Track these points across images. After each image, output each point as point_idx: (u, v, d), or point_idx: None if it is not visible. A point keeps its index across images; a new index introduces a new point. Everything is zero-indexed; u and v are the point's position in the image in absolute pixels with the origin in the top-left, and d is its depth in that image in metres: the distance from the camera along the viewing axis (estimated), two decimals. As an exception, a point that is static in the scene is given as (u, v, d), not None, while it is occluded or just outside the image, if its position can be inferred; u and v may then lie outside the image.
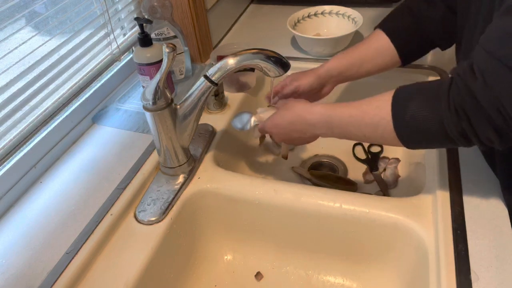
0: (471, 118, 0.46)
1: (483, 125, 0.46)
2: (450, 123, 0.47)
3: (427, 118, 0.49)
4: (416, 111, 0.50)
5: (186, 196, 0.68)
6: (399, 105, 0.52)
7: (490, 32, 0.45)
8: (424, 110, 0.49)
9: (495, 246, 0.54)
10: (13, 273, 0.56)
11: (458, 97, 0.46)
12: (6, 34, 0.65)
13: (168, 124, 0.63)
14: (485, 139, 0.47)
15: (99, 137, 0.81)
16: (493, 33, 0.44)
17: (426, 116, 0.49)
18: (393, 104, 0.53)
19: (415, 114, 0.50)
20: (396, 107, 0.52)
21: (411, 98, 0.51)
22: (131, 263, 0.57)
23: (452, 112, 0.47)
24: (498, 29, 0.44)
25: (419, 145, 0.55)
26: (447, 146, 0.53)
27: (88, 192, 0.68)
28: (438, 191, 0.62)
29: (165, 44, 0.58)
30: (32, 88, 0.71)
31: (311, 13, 1.06)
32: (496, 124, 0.45)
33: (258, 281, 0.71)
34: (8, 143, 0.68)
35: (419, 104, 0.50)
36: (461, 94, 0.46)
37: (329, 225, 0.65)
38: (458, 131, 0.47)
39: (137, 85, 0.93)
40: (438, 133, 0.49)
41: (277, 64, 0.62)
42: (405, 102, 0.52)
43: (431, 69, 0.90)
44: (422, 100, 0.50)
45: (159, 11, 0.85)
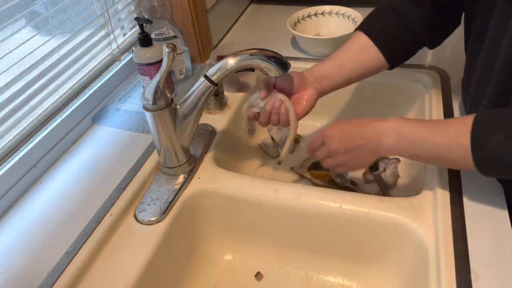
0: None
1: None
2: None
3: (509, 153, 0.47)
4: (500, 143, 0.47)
5: (186, 196, 0.68)
6: (481, 134, 0.49)
7: None
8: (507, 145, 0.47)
9: (495, 246, 0.54)
10: (13, 273, 0.56)
11: None
12: (6, 34, 0.65)
13: (168, 124, 0.63)
14: None
15: (99, 137, 0.81)
16: None
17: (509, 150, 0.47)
18: (473, 131, 0.49)
19: (499, 147, 0.48)
20: (477, 135, 0.49)
21: (495, 129, 0.48)
22: (131, 263, 0.57)
23: None
24: None
25: (495, 175, 0.53)
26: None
27: (88, 192, 0.68)
28: (438, 191, 0.62)
29: (165, 44, 0.58)
30: (32, 88, 0.71)
31: (311, 13, 1.06)
32: None
33: (258, 281, 0.71)
34: (8, 143, 0.68)
35: (503, 134, 0.47)
36: None
37: (329, 225, 0.65)
38: None
39: (137, 85, 0.93)
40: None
41: (277, 64, 0.62)
42: (488, 131, 0.49)
43: (431, 69, 0.90)
44: (505, 134, 0.47)
45: (159, 11, 0.85)
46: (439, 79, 0.87)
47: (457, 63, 0.79)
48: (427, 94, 0.86)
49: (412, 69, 0.91)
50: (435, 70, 0.89)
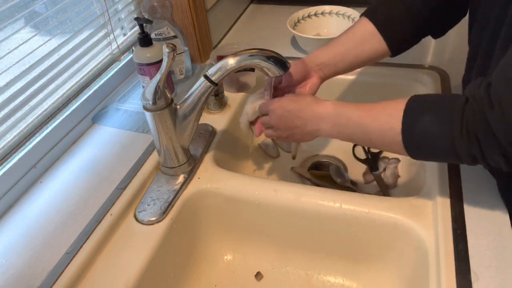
0: (482, 144, 0.45)
1: (493, 152, 0.45)
2: (460, 144, 0.47)
3: (437, 136, 0.49)
4: (427, 126, 0.49)
5: (186, 196, 0.68)
6: (411, 117, 0.51)
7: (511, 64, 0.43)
8: (436, 127, 0.49)
9: (495, 246, 0.54)
10: (13, 273, 0.56)
11: (471, 121, 0.46)
12: (6, 34, 0.65)
13: (168, 124, 0.63)
14: (493, 163, 0.47)
15: (99, 137, 0.81)
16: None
17: (437, 133, 0.49)
18: (404, 115, 0.51)
19: (426, 129, 0.49)
20: (407, 118, 0.51)
21: (424, 112, 0.50)
22: (131, 263, 0.57)
23: (463, 135, 0.46)
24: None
25: (425, 159, 0.54)
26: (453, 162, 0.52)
27: (88, 192, 0.68)
28: (438, 191, 0.62)
29: (165, 44, 0.58)
30: (32, 88, 0.71)
31: (311, 13, 1.06)
32: (506, 151, 0.44)
33: (258, 281, 0.71)
34: (8, 143, 0.68)
35: (431, 121, 0.49)
36: (475, 119, 0.45)
37: (329, 225, 0.65)
38: (467, 153, 0.47)
39: (137, 85, 0.93)
40: (447, 151, 0.49)
41: (277, 64, 0.62)
42: (418, 114, 0.50)
43: (431, 69, 0.90)
44: (435, 116, 0.49)
45: (159, 11, 0.85)
46: (439, 79, 0.87)
47: (457, 63, 0.79)
48: (427, 94, 0.86)
49: (412, 69, 0.91)
50: (435, 70, 0.89)
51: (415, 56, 0.74)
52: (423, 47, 0.96)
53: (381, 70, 0.92)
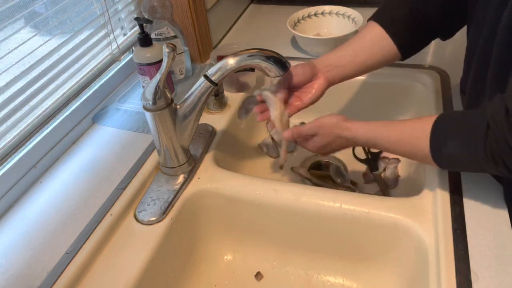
0: (508, 165, 0.48)
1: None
2: (487, 166, 0.50)
3: (465, 159, 0.52)
4: (454, 151, 0.52)
5: (186, 196, 0.68)
6: (438, 142, 0.54)
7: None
8: (462, 153, 0.52)
9: (495, 246, 0.54)
10: (13, 273, 0.56)
11: (494, 145, 0.48)
12: (6, 34, 0.65)
13: (168, 124, 0.63)
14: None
15: (99, 137, 0.81)
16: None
17: (463, 157, 0.52)
18: (431, 140, 0.54)
19: (454, 153, 0.53)
20: (434, 143, 0.54)
21: (449, 137, 0.53)
22: (131, 263, 0.57)
23: (489, 158, 0.49)
24: None
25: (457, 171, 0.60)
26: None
27: (88, 192, 0.68)
28: (438, 191, 0.62)
29: (165, 44, 0.58)
30: (32, 88, 0.71)
31: (311, 13, 1.06)
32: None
33: (258, 281, 0.71)
34: (8, 143, 0.68)
35: (457, 146, 0.52)
36: (498, 145, 0.47)
37: (329, 225, 0.65)
38: (496, 172, 0.50)
39: (137, 85, 0.93)
40: (476, 169, 0.53)
41: (277, 64, 0.62)
42: (443, 140, 0.53)
43: (431, 69, 0.90)
44: (460, 142, 0.52)
45: (159, 11, 0.85)
46: (439, 79, 0.87)
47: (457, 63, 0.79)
48: (427, 94, 0.86)
49: (412, 69, 0.91)
50: (435, 70, 0.89)
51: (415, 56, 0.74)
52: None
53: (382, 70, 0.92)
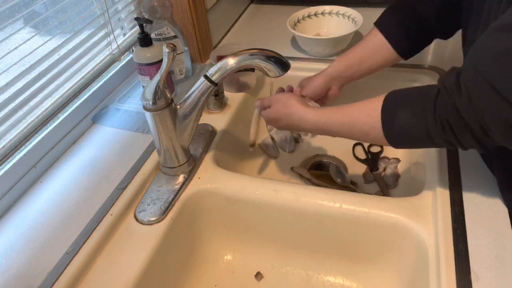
0: (455, 131, 0.48)
1: (466, 137, 0.48)
2: (435, 133, 0.50)
3: (414, 129, 0.52)
4: (404, 121, 0.53)
5: (186, 196, 0.68)
6: (389, 115, 0.55)
7: (480, 48, 0.45)
8: (412, 121, 0.52)
9: (495, 246, 0.54)
10: (13, 273, 0.56)
11: (443, 111, 0.48)
12: (6, 34, 0.65)
13: (168, 124, 0.63)
14: (468, 147, 0.50)
15: (99, 137, 0.81)
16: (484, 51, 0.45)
17: (414, 126, 0.52)
18: (382, 114, 0.55)
19: (403, 124, 0.53)
20: (385, 117, 0.55)
21: (400, 108, 0.53)
22: (131, 263, 0.57)
23: (437, 124, 0.49)
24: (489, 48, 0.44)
25: (407, 148, 0.59)
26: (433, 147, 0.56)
27: (88, 192, 0.68)
28: (438, 191, 0.62)
29: (165, 44, 0.58)
30: (32, 88, 0.71)
31: (311, 13, 1.06)
32: (478, 136, 0.47)
33: (258, 281, 0.71)
34: (8, 143, 0.68)
35: (407, 114, 0.53)
36: (446, 108, 0.48)
37: (329, 225, 0.65)
38: (443, 140, 0.50)
39: (137, 85, 0.93)
40: (425, 141, 0.52)
41: (277, 64, 0.62)
42: (394, 112, 0.54)
43: (431, 69, 0.90)
44: (410, 111, 0.52)
45: (159, 11, 0.85)
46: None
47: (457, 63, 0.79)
48: (427, 94, 0.86)
49: (412, 69, 0.91)
50: (435, 70, 0.89)
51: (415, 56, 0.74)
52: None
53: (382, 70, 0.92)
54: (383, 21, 0.75)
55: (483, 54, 0.44)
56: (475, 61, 0.45)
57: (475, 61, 0.45)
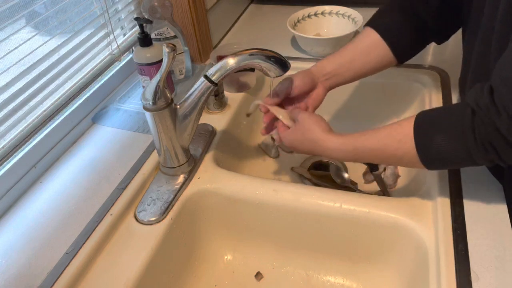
0: (499, 151, 0.46)
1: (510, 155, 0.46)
2: (478, 156, 0.48)
3: (454, 153, 0.50)
4: (441, 145, 0.50)
5: (186, 196, 0.68)
6: (423, 141, 0.52)
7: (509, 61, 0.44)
8: (451, 146, 0.49)
9: (495, 246, 0.54)
10: (13, 273, 0.56)
11: (483, 133, 0.46)
12: (6, 34, 0.65)
13: (168, 124, 0.63)
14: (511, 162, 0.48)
15: (99, 137, 0.81)
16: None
17: (453, 151, 0.50)
18: (416, 139, 0.52)
19: (441, 148, 0.50)
20: (420, 143, 0.52)
21: (434, 133, 0.51)
22: (131, 263, 0.57)
23: (479, 147, 0.47)
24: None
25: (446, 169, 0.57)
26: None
27: (88, 192, 0.68)
28: (438, 191, 0.62)
29: (165, 44, 0.58)
30: (32, 88, 0.71)
31: (311, 13, 1.06)
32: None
33: (258, 281, 0.71)
34: (8, 143, 0.68)
35: (444, 140, 0.50)
36: (486, 130, 0.46)
37: (329, 225, 0.65)
38: (486, 161, 0.48)
39: (137, 85, 0.93)
40: (466, 162, 0.50)
41: (277, 64, 0.62)
42: (429, 137, 0.51)
43: (431, 69, 0.90)
44: (447, 135, 0.50)
45: (159, 11, 0.85)
46: (439, 79, 0.87)
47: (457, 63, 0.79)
48: (427, 94, 0.86)
49: (412, 69, 0.91)
50: (435, 70, 0.89)
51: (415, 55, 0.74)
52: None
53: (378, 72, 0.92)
54: (378, 21, 0.72)
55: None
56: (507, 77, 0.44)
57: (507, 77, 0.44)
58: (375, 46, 0.70)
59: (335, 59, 0.73)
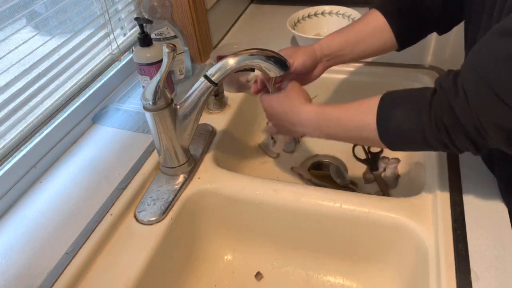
0: (450, 132, 0.48)
1: (461, 138, 0.48)
2: (430, 134, 0.50)
3: (410, 128, 0.51)
4: (399, 120, 0.52)
5: (186, 196, 0.68)
6: (384, 113, 0.54)
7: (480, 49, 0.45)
8: (407, 121, 0.51)
9: (495, 246, 0.54)
10: (13, 273, 0.56)
11: (439, 111, 0.48)
12: (6, 34, 0.65)
13: (168, 124, 0.63)
14: (464, 149, 0.49)
15: (99, 137, 0.81)
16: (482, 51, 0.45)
17: (409, 126, 0.51)
18: (378, 111, 0.54)
19: (399, 124, 0.52)
20: (381, 115, 0.54)
21: (396, 107, 0.53)
22: (131, 263, 0.57)
23: (432, 125, 0.49)
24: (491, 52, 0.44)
25: (401, 149, 0.57)
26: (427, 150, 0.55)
27: (88, 192, 0.68)
28: (438, 191, 0.62)
29: (165, 44, 0.58)
30: (32, 88, 0.71)
31: (311, 13, 1.06)
32: (473, 138, 0.47)
33: (258, 281, 0.71)
34: (8, 143, 0.68)
35: (403, 114, 0.52)
36: (441, 108, 0.48)
37: (329, 225, 0.65)
38: (438, 141, 0.50)
39: (137, 85, 0.93)
40: (420, 142, 0.52)
41: (277, 64, 0.62)
42: (390, 110, 0.53)
43: (431, 69, 0.90)
44: (406, 110, 0.52)
45: (159, 11, 0.85)
46: (439, 79, 0.87)
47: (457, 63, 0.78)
48: (427, 94, 0.86)
49: (412, 69, 0.91)
50: (435, 70, 0.89)
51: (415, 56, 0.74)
52: (423, 47, 0.96)
53: (381, 70, 0.92)
54: (385, 4, 0.72)
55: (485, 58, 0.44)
56: (475, 64, 0.45)
57: (476, 64, 0.45)
58: (381, 30, 0.71)
59: (341, 38, 0.73)
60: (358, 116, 0.57)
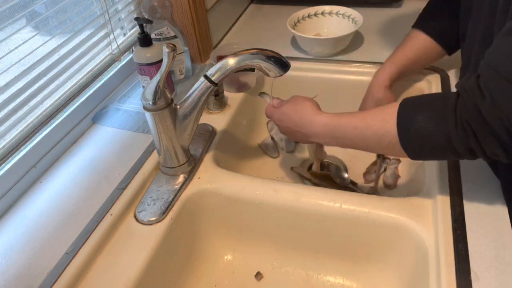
0: (478, 136, 0.46)
1: (490, 142, 0.46)
2: (457, 139, 0.48)
3: (433, 134, 0.49)
4: (422, 126, 0.50)
5: (186, 196, 0.68)
6: (405, 118, 0.52)
7: (497, 49, 0.45)
8: (431, 126, 0.49)
9: (495, 246, 0.54)
10: (13, 273, 0.56)
11: (465, 115, 0.46)
12: (6, 34, 0.65)
13: (168, 124, 0.63)
14: (492, 155, 0.47)
15: (99, 137, 0.81)
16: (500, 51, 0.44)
17: (433, 131, 0.49)
18: (398, 118, 0.53)
19: (421, 129, 0.50)
20: (401, 121, 0.52)
21: (417, 112, 0.51)
22: (131, 263, 0.57)
23: (459, 129, 0.47)
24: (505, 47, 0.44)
25: (424, 158, 0.55)
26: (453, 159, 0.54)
27: (88, 192, 0.68)
28: (438, 191, 0.62)
29: (165, 44, 0.58)
30: (32, 88, 0.71)
31: (311, 13, 1.06)
32: (503, 141, 0.45)
33: (258, 281, 0.71)
34: (8, 143, 0.68)
35: (425, 119, 0.50)
36: (468, 112, 0.46)
37: (329, 225, 0.65)
38: (465, 147, 0.48)
39: (137, 85, 0.93)
40: (445, 148, 0.50)
41: (277, 64, 0.62)
42: (411, 116, 0.52)
43: (431, 69, 0.90)
44: (428, 115, 0.50)
45: (159, 11, 0.85)
46: (439, 79, 0.87)
47: (457, 63, 0.79)
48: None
49: (412, 69, 0.91)
50: (435, 70, 0.89)
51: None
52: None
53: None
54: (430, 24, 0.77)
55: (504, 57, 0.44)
56: (494, 64, 0.44)
57: (495, 64, 0.44)
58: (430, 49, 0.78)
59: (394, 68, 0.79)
60: (377, 124, 0.55)
